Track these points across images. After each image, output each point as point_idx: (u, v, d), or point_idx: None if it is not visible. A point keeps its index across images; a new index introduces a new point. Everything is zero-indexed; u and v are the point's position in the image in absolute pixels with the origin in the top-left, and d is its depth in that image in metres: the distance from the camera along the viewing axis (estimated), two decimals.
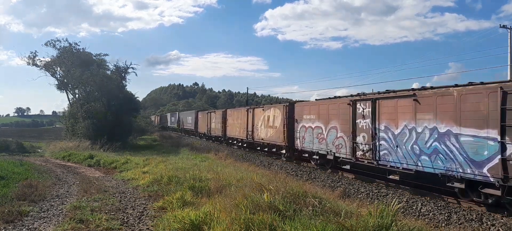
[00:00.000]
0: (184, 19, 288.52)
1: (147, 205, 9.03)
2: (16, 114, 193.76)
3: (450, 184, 10.15)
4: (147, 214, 8.14)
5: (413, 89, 11.86)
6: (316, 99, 18.47)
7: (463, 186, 9.81)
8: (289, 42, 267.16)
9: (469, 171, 9.56)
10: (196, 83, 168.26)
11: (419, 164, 11.12)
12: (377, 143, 12.94)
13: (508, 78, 25.11)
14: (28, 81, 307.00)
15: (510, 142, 8.61)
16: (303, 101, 20.31)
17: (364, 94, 13.99)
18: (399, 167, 11.96)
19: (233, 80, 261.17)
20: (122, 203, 9.17)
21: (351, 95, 14.84)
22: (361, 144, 13.86)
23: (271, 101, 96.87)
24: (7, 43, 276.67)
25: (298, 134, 19.01)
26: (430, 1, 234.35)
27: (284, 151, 20.77)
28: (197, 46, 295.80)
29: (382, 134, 12.78)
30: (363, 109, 13.75)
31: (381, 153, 12.77)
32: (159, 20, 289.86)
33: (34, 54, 36.03)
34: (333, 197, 9.62)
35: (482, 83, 9.56)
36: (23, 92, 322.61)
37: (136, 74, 38.98)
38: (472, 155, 9.49)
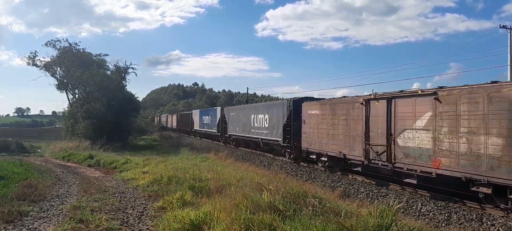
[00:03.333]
0: (185, 20, 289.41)
1: (147, 205, 9.03)
2: (16, 114, 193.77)
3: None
4: (147, 214, 8.13)
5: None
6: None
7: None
8: (289, 42, 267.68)
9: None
10: (196, 83, 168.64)
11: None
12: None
13: (508, 78, 25.16)
14: (28, 81, 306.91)
15: None
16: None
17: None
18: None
19: (234, 80, 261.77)
20: (122, 203, 9.16)
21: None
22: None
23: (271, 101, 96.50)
24: (8, 44, 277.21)
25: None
26: (431, 2, 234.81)
27: None
28: (198, 46, 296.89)
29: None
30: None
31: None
32: (161, 21, 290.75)
33: (34, 55, 36.10)
34: (333, 197, 9.63)
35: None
36: (23, 92, 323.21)
37: (136, 74, 38.97)
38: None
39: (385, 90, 13.58)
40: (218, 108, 34.03)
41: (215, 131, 33.95)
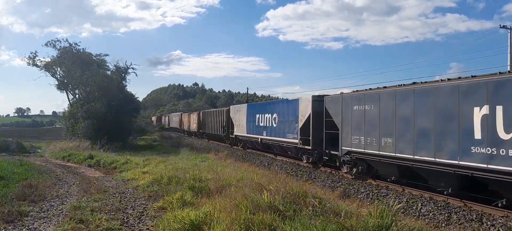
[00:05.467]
0: (186, 20, 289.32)
1: (147, 205, 9.03)
2: (16, 114, 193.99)
3: None
4: (147, 214, 8.14)
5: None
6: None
7: None
8: (290, 42, 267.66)
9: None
10: (196, 84, 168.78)
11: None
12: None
13: None
14: (28, 81, 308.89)
15: None
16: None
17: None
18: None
19: (234, 80, 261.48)
20: (122, 203, 9.17)
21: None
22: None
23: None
24: (9, 44, 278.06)
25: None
26: (432, 2, 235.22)
27: None
28: (198, 46, 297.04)
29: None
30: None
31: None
32: (162, 21, 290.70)
33: (34, 55, 36.26)
34: (333, 197, 9.63)
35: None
36: (23, 93, 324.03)
37: (136, 75, 38.93)
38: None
39: None
40: (302, 100, 18.13)
41: (294, 140, 18.53)
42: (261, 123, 23.30)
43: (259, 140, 23.65)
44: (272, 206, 6.34)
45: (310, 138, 17.00)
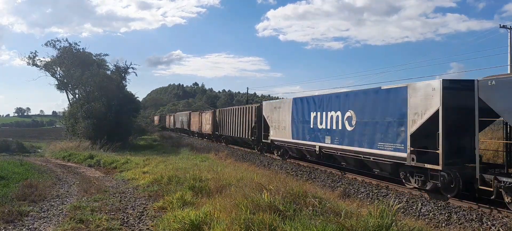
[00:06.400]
0: (186, 20, 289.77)
1: (147, 205, 9.04)
2: (16, 114, 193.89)
3: None
4: (147, 214, 8.14)
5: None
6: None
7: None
8: (290, 42, 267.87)
9: None
10: (196, 83, 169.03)
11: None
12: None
13: None
14: (28, 81, 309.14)
15: None
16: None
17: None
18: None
19: (235, 80, 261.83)
20: (122, 203, 9.17)
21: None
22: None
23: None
24: (9, 44, 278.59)
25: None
26: (433, 2, 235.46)
27: None
28: (198, 46, 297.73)
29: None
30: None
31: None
32: (162, 21, 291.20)
33: (34, 55, 36.23)
34: (333, 197, 9.63)
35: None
36: (23, 92, 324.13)
37: (136, 74, 38.90)
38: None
39: None
40: (416, 89, 11.01)
41: (395, 153, 11.71)
42: (320, 124, 16.32)
43: (316, 149, 16.53)
44: (272, 206, 6.34)
45: (439, 151, 10.18)
